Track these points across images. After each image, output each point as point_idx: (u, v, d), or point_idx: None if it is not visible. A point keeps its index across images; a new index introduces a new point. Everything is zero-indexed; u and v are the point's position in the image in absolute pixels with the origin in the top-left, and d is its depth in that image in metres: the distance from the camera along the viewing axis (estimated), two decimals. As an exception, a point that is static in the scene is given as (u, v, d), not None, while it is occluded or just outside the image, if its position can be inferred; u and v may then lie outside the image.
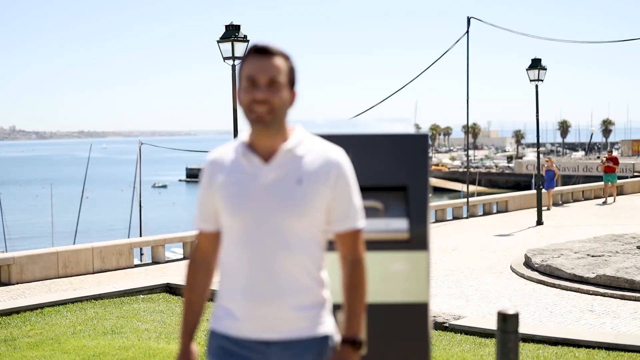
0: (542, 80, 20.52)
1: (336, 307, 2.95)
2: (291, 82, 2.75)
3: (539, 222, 18.70)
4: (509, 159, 62.17)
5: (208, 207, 2.80)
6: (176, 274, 11.85)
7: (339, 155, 2.76)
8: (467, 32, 20.90)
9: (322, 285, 2.77)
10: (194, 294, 2.83)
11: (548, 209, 21.95)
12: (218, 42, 12.99)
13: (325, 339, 2.76)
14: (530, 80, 20.45)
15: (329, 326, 2.77)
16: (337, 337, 2.79)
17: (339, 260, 2.81)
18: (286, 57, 2.74)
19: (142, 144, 25.60)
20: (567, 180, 42.94)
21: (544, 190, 21.46)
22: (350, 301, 2.75)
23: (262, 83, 2.67)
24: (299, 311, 2.69)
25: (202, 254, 2.85)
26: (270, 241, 2.69)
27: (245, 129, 2.83)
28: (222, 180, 2.74)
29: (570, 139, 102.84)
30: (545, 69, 20.63)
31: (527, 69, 20.55)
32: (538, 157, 20.95)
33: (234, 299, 2.71)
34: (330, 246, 2.87)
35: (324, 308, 2.77)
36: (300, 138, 2.76)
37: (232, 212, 2.71)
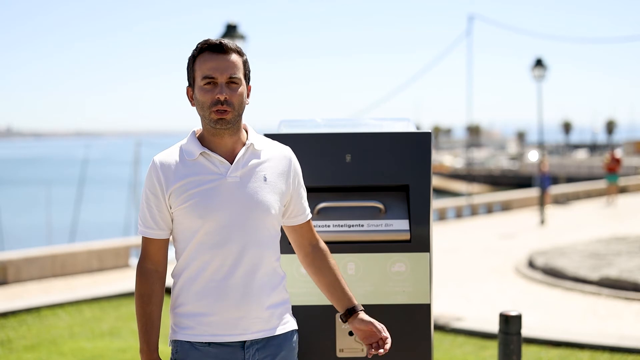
0: (544, 78, 20.49)
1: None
2: (247, 76, 2.75)
3: (542, 221, 18.65)
4: (512, 158, 62.17)
5: (162, 213, 2.72)
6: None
7: (291, 152, 2.86)
8: (469, 31, 20.85)
9: (284, 282, 2.82)
10: (152, 306, 2.73)
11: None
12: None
13: (294, 334, 2.84)
14: (534, 78, 20.40)
15: (294, 322, 2.87)
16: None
17: (302, 250, 2.92)
18: (240, 52, 2.73)
19: (139, 143, 25.57)
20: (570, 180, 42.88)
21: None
22: (337, 277, 2.90)
23: (222, 82, 2.65)
24: (271, 309, 2.73)
25: (153, 263, 2.76)
26: (243, 239, 2.67)
27: (192, 130, 2.80)
28: (182, 183, 2.67)
29: (573, 138, 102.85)
30: (547, 68, 20.58)
31: (530, 68, 20.52)
32: (542, 157, 20.92)
33: (206, 303, 2.67)
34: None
35: (289, 304, 2.85)
36: (255, 135, 2.80)
37: (202, 214, 2.65)
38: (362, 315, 2.85)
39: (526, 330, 5.88)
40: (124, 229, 23.58)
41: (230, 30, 12.86)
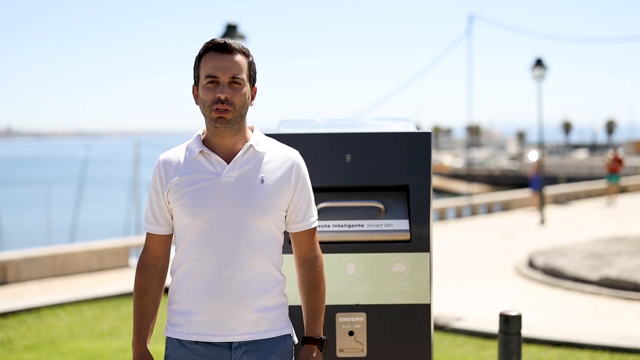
0: (544, 78, 20.50)
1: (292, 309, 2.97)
2: (252, 78, 2.74)
3: (542, 221, 18.64)
4: (512, 158, 62.16)
5: (161, 209, 2.76)
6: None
7: (298, 156, 2.79)
8: (469, 31, 20.86)
9: (282, 286, 2.78)
10: (146, 300, 2.77)
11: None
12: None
13: (287, 340, 2.79)
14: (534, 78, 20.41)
15: (289, 327, 2.81)
16: (295, 338, 2.84)
17: (295, 261, 2.84)
18: (245, 54, 2.73)
19: (139, 143, 25.58)
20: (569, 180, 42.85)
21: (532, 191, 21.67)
22: (312, 300, 2.80)
23: (224, 82, 2.66)
24: (262, 312, 2.70)
25: (152, 258, 2.80)
26: (233, 240, 2.66)
27: (200, 129, 2.82)
28: (179, 181, 2.70)
29: (573, 138, 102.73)
30: (547, 68, 20.59)
31: (530, 68, 20.52)
32: (541, 157, 20.93)
33: (195, 302, 2.68)
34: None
35: (284, 309, 2.79)
36: (259, 137, 2.77)
37: (194, 212, 2.66)
38: (307, 351, 2.77)
39: (526, 330, 5.88)
40: (124, 229, 23.59)
41: (230, 30, 12.85)
